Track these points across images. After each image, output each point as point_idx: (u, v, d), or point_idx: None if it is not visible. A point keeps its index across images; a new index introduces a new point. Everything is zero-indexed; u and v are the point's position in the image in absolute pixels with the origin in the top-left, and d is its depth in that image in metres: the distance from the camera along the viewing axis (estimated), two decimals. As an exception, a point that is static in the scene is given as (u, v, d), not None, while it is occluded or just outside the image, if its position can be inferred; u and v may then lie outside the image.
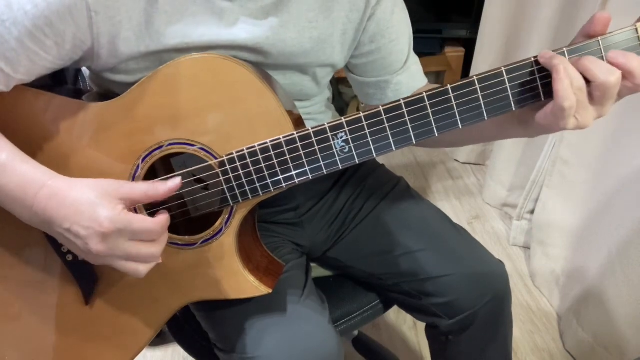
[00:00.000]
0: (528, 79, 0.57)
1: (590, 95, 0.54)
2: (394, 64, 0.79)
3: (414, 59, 0.81)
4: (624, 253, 1.15)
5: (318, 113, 0.83)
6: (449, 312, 0.82)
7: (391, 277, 0.85)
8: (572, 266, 1.42)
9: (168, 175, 0.66)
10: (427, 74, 0.85)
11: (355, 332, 1.29)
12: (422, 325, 0.94)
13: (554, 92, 0.53)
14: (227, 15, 0.63)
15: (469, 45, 1.94)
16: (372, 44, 0.76)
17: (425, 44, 1.96)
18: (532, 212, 1.61)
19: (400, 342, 1.41)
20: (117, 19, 0.59)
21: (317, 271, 0.94)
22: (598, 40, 0.55)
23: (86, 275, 0.69)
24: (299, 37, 0.68)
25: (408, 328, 1.44)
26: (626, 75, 0.53)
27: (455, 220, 0.89)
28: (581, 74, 0.53)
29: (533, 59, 0.56)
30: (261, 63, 0.68)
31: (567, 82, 0.52)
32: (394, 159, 2.15)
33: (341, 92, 2.15)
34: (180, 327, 0.90)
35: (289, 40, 0.68)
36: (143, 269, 0.58)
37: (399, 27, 0.77)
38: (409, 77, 0.80)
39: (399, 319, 1.47)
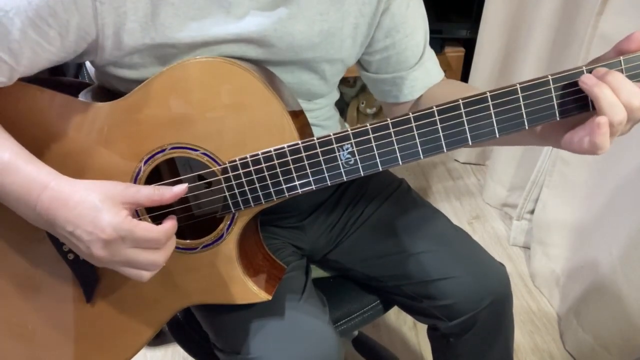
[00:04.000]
0: (543, 97, 0.54)
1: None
2: (410, 59, 0.77)
3: (430, 53, 0.80)
4: (624, 253, 1.15)
5: (325, 119, 0.82)
6: (450, 314, 0.82)
7: (392, 279, 0.85)
8: (572, 266, 1.42)
9: (175, 179, 0.66)
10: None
11: (355, 332, 1.29)
12: (422, 326, 0.94)
13: (590, 134, 0.52)
14: (235, 7, 0.62)
15: (469, 45, 1.94)
16: (386, 39, 0.75)
17: (425, 43, 1.95)
18: (532, 212, 1.61)
19: (400, 342, 1.41)
20: (122, 9, 0.58)
21: (317, 272, 0.94)
22: (620, 60, 0.52)
23: (87, 275, 0.69)
24: (308, 29, 0.67)
25: (408, 328, 1.44)
26: None
27: (455, 221, 0.89)
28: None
29: (550, 77, 0.54)
30: (268, 58, 0.67)
31: (607, 131, 0.51)
32: (394, 159, 2.14)
33: (341, 92, 2.14)
34: (180, 327, 0.90)
35: (297, 33, 0.66)
36: (146, 274, 0.57)
37: (414, 21, 0.76)
38: (425, 73, 0.79)
39: (399, 319, 1.47)
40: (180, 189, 0.58)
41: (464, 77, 2.00)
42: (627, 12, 1.10)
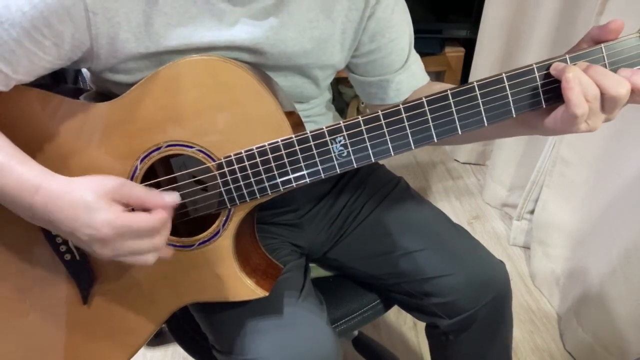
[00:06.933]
0: (529, 85, 0.56)
1: (601, 104, 0.54)
2: (395, 63, 0.79)
3: (415, 57, 0.81)
4: (624, 253, 1.14)
5: (317, 115, 0.83)
6: (449, 312, 0.82)
7: (391, 277, 0.85)
8: (572, 266, 1.42)
9: (170, 176, 0.66)
10: (427, 74, 0.85)
11: (355, 332, 1.29)
12: (422, 325, 0.94)
13: (565, 100, 0.53)
14: (227, 16, 0.63)
15: (469, 45, 1.94)
16: (372, 43, 0.76)
17: (425, 44, 1.96)
18: (532, 212, 1.61)
19: (400, 342, 1.41)
20: (115, 19, 0.59)
21: (317, 271, 0.94)
22: (601, 47, 0.54)
23: (84, 275, 0.69)
24: (300, 37, 0.68)
25: (408, 328, 1.44)
26: (634, 91, 0.53)
27: (455, 220, 0.89)
28: None
29: (535, 65, 0.55)
30: (261, 64, 0.68)
31: (578, 90, 0.52)
32: (394, 159, 2.14)
33: (341, 92, 2.15)
34: (180, 327, 0.90)
35: (289, 40, 0.67)
36: (151, 258, 0.58)
37: (399, 26, 0.77)
38: (410, 76, 0.80)
39: (399, 319, 1.47)
40: (172, 198, 0.58)
41: (464, 77, 2.00)
42: (627, 12, 1.10)
